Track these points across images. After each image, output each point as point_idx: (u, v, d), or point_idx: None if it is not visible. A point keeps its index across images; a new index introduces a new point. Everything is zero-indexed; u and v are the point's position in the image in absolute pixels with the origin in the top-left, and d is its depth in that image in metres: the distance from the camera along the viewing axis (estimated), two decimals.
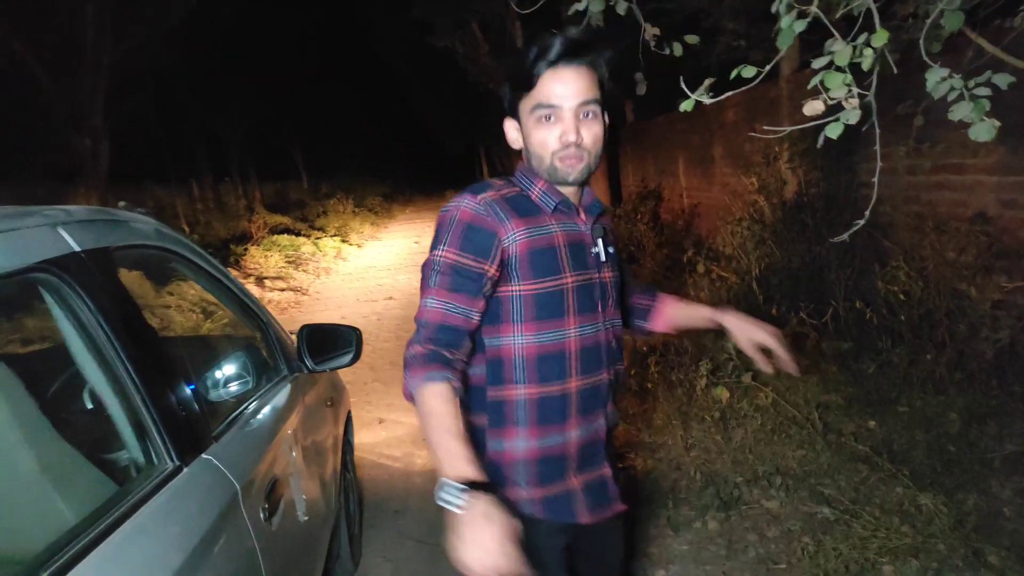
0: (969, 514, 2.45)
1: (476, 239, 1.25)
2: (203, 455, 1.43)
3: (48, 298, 1.24)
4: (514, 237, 1.26)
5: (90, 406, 1.33)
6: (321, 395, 2.58)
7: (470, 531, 1.01)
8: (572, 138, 1.26)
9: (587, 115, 1.27)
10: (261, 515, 1.56)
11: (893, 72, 1.73)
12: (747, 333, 1.49)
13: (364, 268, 11.77)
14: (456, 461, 1.09)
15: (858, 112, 1.49)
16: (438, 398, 1.15)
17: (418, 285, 1.33)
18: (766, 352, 1.48)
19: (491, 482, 1.10)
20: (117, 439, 1.30)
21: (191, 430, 1.44)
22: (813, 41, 1.67)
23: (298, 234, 14.53)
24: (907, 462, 2.80)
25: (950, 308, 3.29)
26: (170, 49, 13.26)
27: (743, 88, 1.69)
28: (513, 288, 1.29)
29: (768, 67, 1.64)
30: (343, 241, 14.91)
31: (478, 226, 1.26)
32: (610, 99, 1.30)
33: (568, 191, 1.35)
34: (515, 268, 1.28)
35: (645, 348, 4.45)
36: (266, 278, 10.04)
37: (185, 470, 1.34)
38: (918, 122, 3.19)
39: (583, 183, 1.35)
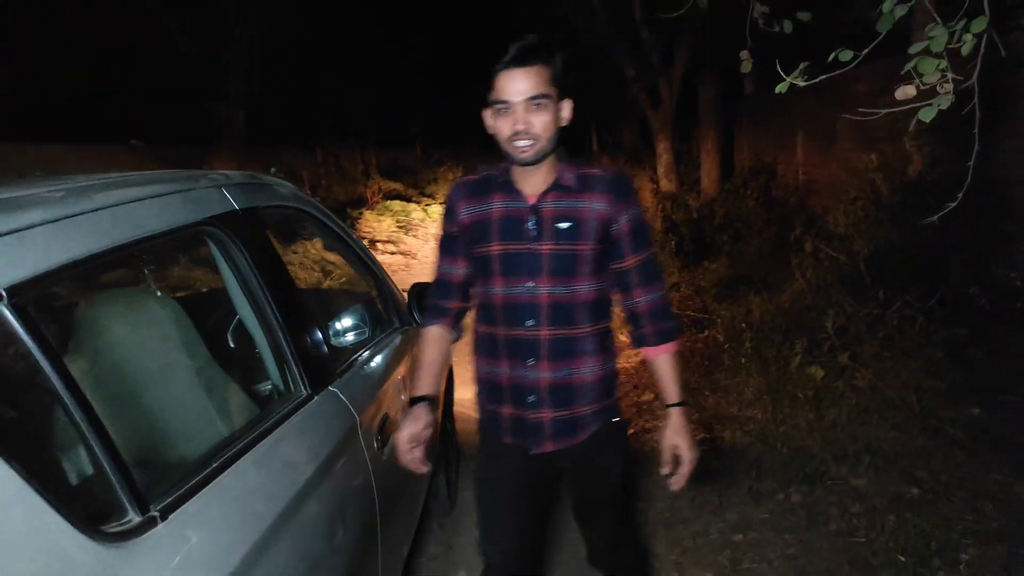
0: None
1: (448, 214, 1.68)
2: (329, 388, 1.69)
3: (213, 248, 1.51)
4: (463, 213, 1.64)
5: (241, 341, 1.60)
6: None
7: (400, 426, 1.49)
8: (520, 127, 1.49)
9: (537, 107, 1.49)
10: (375, 444, 1.80)
11: (1002, 54, 1.70)
12: (675, 439, 1.66)
13: None
14: (416, 384, 1.58)
15: (951, 97, 1.50)
16: (424, 339, 1.71)
17: None
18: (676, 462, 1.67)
19: (427, 397, 1.63)
20: (263, 369, 1.57)
21: (320, 366, 1.69)
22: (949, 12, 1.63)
23: (409, 200, 15.08)
24: (1008, 451, 2.73)
25: None
26: (305, 18, 13.94)
27: (839, 71, 1.72)
28: (471, 251, 1.65)
29: (866, 51, 1.67)
30: None
31: (449, 204, 1.67)
32: (568, 89, 1.55)
33: (534, 171, 1.58)
34: (467, 238, 1.64)
35: (744, 325, 4.45)
36: (378, 241, 10.59)
37: (315, 398, 1.60)
38: None
39: (536, 162, 1.55)
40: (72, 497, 0.84)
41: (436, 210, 14.52)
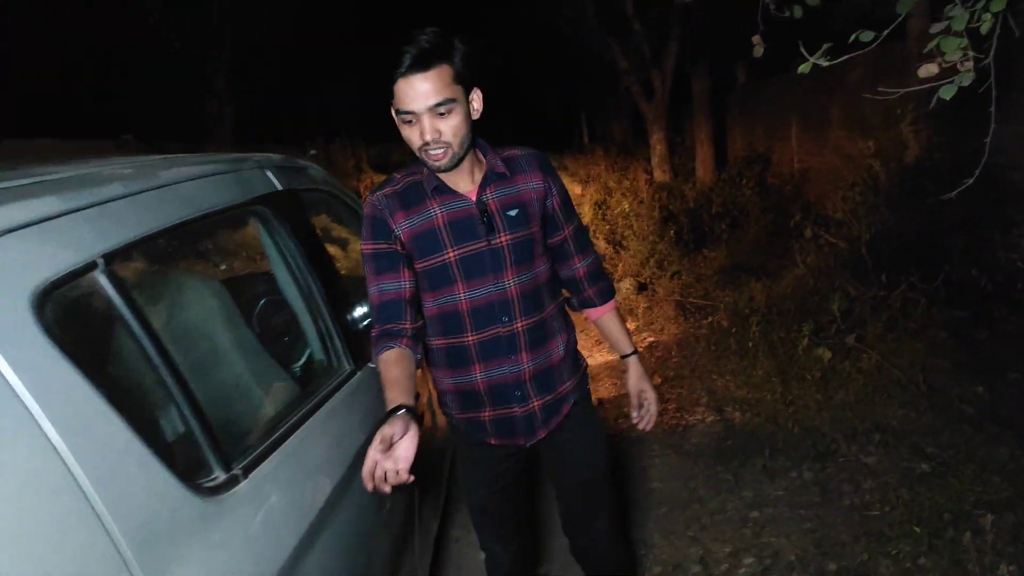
0: None
1: (377, 229, 1.50)
2: (369, 363, 1.72)
3: (260, 227, 1.54)
4: (399, 228, 1.49)
5: (287, 318, 1.64)
6: None
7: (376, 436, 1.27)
8: (428, 138, 1.40)
9: (443, 113, 1.39)
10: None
11: (1016, 35, 1.76)
12: (639, 384, 1.77)
13: None
14: (389, 401, 1.35)
15: (972, 74, 1.55)
16: (382, 363, 1.44)
17: None
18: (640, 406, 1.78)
19: (403, 407, 1.32)
20: (310, 344, 1.60)
21: (360, 342, 1.73)
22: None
23: None
24: (1014, 426, 2.81)
25: None
26: (289, 17, 13.90)
27: (860, 51, 1.77)
28: (415, 266, 1.53)
29: (887, 31, 1.71)
30: None
31: (378, 217, 1.50)
32: (474, 79, 1.45)
33: (460, 169, 1.50)
34: (409, 251, 1.52)
35: (747, 310, 4.52)
36: None
37: (358, 373, 1.64)
38: None
39: (455, 166, 1.47)
40: (171, 452, 0.88)
41: None
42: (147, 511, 0.81)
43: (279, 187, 1.58)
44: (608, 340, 1.82)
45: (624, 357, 1.79)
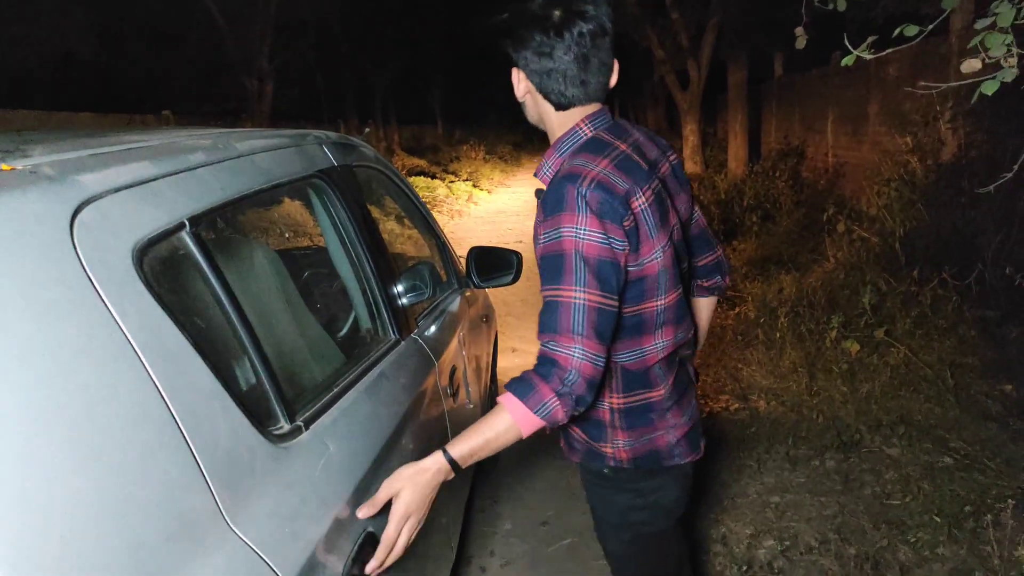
0: None
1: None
2: (412, 335, 1.81)
3: (315, 199, 1.63)
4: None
5: (339, 287, 1.73)
6: (480, 311, 2.95)
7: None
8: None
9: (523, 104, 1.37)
10: (449, 389, 1.93)
11: None
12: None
13: (494, 212, 12.23)
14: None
15: (1015, 71, 1.58)
16: None
17: None
18: None
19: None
20: (359, 312, 1.69)
21: (404, 314, 1.81)
22: None
23: (433, 176, 15.22)
24: None
25: None
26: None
27: (905, 45, 1.79)
28: None
29: (932, 26, 1.74)
30: (474, 186, 15.44)
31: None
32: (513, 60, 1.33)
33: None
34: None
35: (776, 302, 4.54)
36: (404, 217, 10.71)
37: (402, 343, 1.72)
38: None
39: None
40: (245, 400, 0.96)
41: (461, 187, 14.62)
42: (228, 450, 0.90)
43: (334, 162, 1.66)
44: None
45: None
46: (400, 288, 1.91)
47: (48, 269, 0.75)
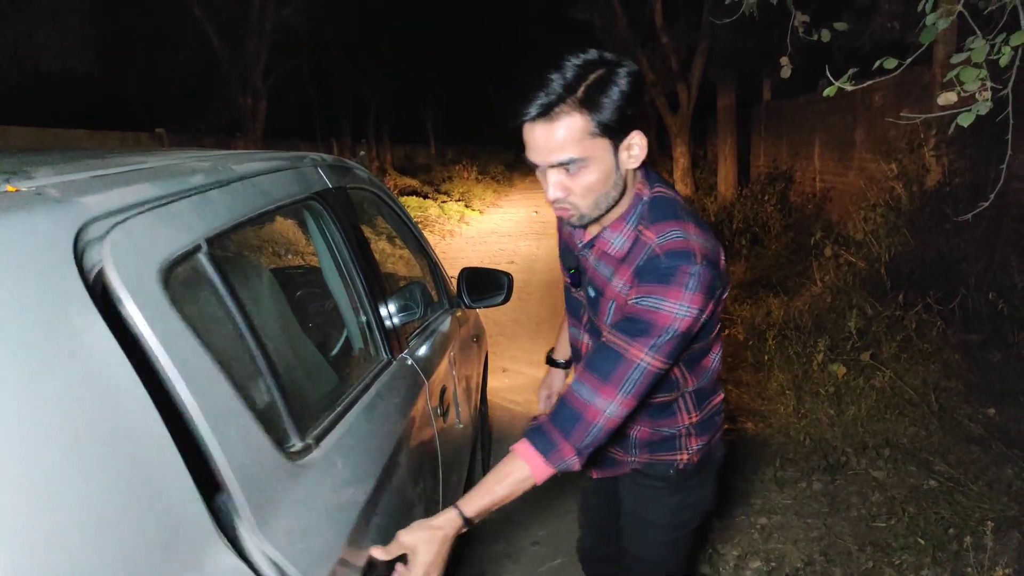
0: None
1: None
2: (403, 354, 1.83)
3: (311, 221, 1.65)
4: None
5: (332, 307, 1.75)
6: (470, 331, 2.98)
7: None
8: (549, 196, 1.19)
9: (570, 171, 1.16)
10: (439, 408, 1.95)
11: None
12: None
13: (486, 233, 12.27)
14: None
15: (989, 104, 1.64)
16: None
17: (536, 252, 1.55)
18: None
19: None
20: (352, 333, 1.71)
21: (395, 334, 1.84)
22: (969, 27, 1.79)
23: (425, 196, 15.28)
24: (1023, 447, 2.86)
25: None
26: (325, 14, 14.17)
27: (886, 77, 1.85)
28: None
29: (910, 59, 1.80)
30: (466, 206, 15.50)
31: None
32: (632, 124, 1.18)
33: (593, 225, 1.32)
34: None
35: (764, 325, 4.59)
36: (395, 237, 10.75)
37: (394, 363, 1.74)
38: None
39: (591, 223, 1.28)
40: (263, 418, 0.98)
41: (452, 208, 14.67)
42: (250, 465, 0.92)
43: (329, 184, 1.69)
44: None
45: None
46: (392, 308, 1.94)
47: (58, 287, 0.75)
